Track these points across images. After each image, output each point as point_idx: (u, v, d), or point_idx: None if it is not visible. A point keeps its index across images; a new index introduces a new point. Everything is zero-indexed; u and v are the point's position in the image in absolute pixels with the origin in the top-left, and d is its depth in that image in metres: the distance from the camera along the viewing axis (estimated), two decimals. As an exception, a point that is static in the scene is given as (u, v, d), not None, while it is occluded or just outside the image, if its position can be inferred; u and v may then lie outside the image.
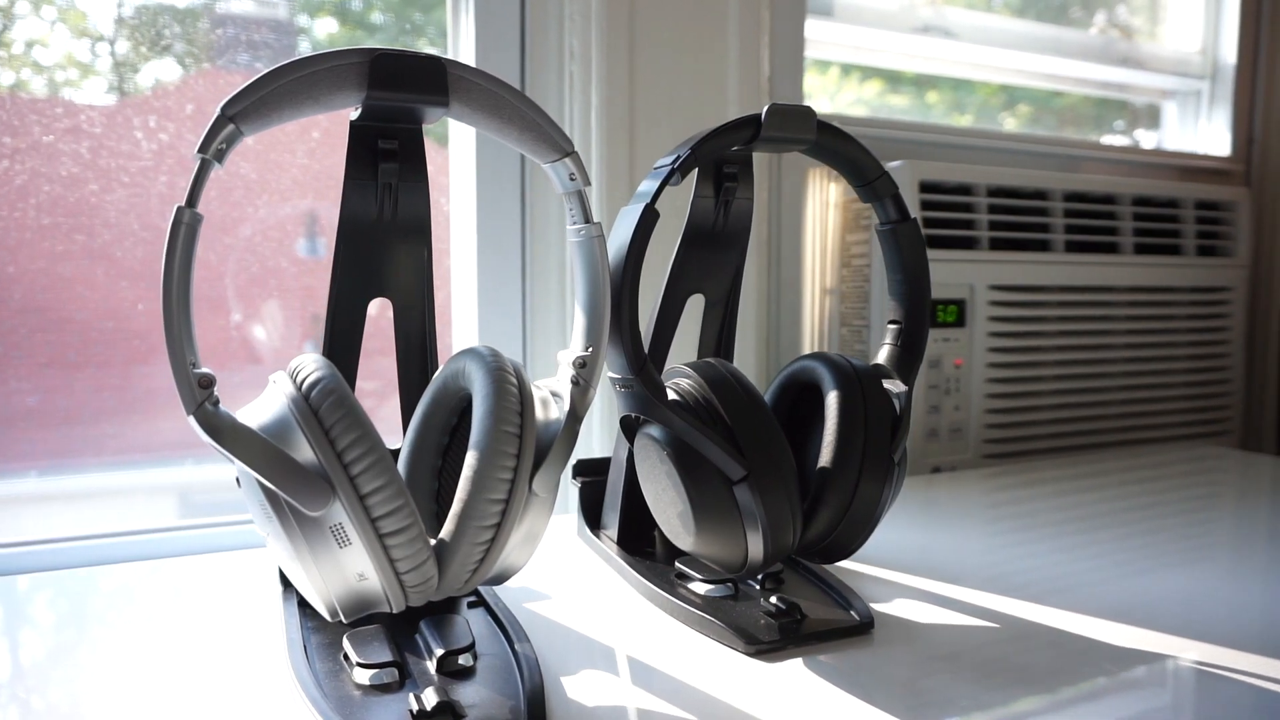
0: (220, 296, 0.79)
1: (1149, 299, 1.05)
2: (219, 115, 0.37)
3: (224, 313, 0.79)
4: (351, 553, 0.37)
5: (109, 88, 0.75)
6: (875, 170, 0.53)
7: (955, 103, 1.17)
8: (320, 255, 0.81)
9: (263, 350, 0.81)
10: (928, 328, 0.54)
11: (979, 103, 1.18)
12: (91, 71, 0.75)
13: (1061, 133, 1.23)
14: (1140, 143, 1.27)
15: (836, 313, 0.98)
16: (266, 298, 0.80)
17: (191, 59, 0.76)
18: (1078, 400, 1.03)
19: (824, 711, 0.42)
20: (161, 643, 0.49)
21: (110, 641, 0.49)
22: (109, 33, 0.74)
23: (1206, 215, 1.09)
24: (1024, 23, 1.14)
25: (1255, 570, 0.63)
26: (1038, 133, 1.19)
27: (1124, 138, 1.27)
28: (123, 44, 0.74)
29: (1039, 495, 0.85)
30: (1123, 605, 0.55)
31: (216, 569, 0.61)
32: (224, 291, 0.79)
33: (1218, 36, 1.22)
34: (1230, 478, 0.98)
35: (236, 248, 0.78)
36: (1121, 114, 1.27)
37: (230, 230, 0.79)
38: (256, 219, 0.79)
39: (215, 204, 0.78)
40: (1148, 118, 1.28)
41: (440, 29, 0.87)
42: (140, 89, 0.75)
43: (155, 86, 0.76)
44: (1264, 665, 0.46)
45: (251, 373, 0.81)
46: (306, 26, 0.83)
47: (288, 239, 0.80)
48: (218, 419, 0.37)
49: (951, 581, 0.59)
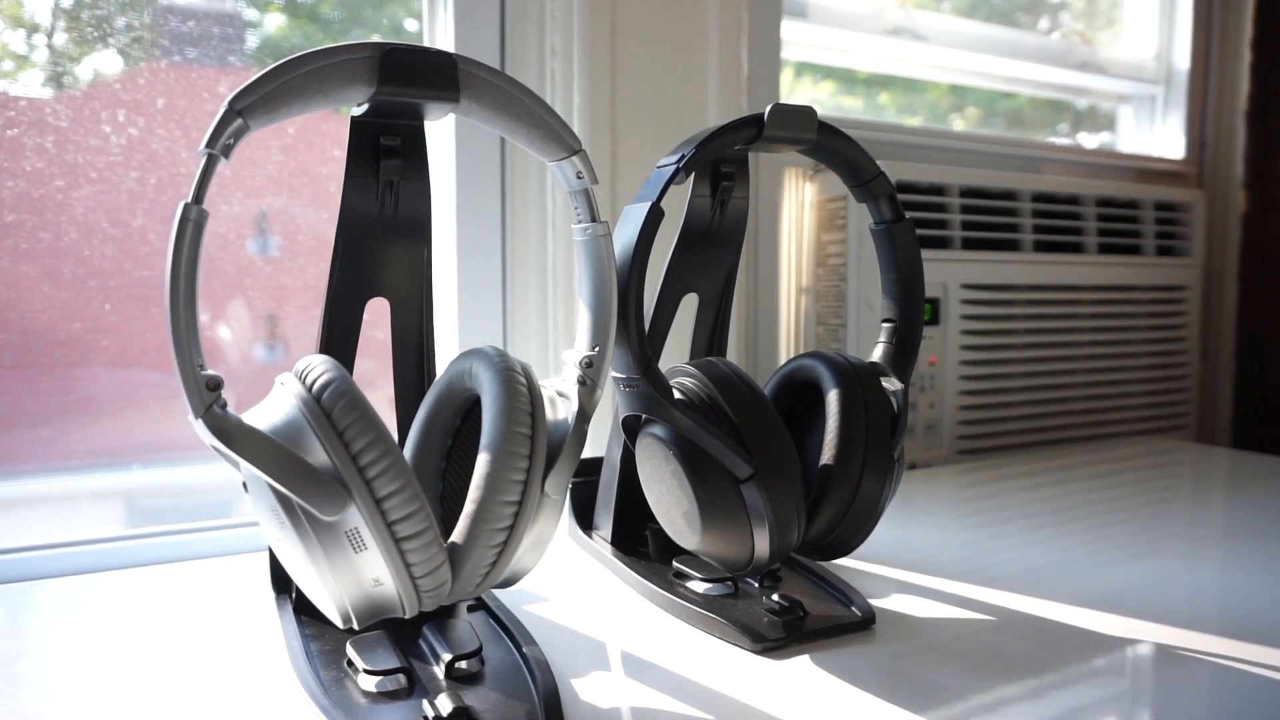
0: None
1: (1111, 298, 1.08)
2: (226, 109, 0.36)
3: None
4: (367, 557, 0.36)
5: (46, 79, 0.72)
6: (872, 170, 0.53)
7: (906, 104, 1.19)
8: (271, 253, 0.79)
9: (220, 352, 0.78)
10: (922, 326, 0.55)
11: (929, 104, 1.20)
12: (28, 64, 0.72)
13: (1009, 134, 1.25)
14: (1084, 144, 1.31)
15: (813, 311, 0.99)
16: (229, 298, 0.78)
17: (137, 51, 0.73)
18: (1045, 397, 1.05)
19: (836, 707, 0.42)
20: (151, 656, 0.47)
21: (85, 658, 0.47)
22: (46, 23, 0.71)
23: (1164, 216, 1.12)
24: (991, 27, 1.16)
25: (1211, 558, 0.66)
26: (1003, 134, 1.22)
27: (1067, 139, 1.30)
28: (60, 35, 0.71)
29: (1011, 490, 0.87)
30: (1094, 593, 0.56)
31: (175, 580, 0.59)
32: None
33: (1171, 43, 1.26)
34: (1187, 471, 1.01)
35: (206, 245, 0.76)
36: (1065, 117, 1.30)
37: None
38: (230, 216, 0.77)
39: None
40: (1090, 120, 1.31)
41: (394, 25, 0.86)
42: (79, 81, 0.72)
43: (96, 79, 0.73)
44: (1221, 645, 0.49)
45: None
46: (256, 20, 0.81)
47: (268, 236, 0.78)
48: (227, 422, 0.36)
49: (938, 575, 0.60)
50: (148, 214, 0.74)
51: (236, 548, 0.68)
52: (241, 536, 0.69)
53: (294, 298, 0.80)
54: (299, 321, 0.81)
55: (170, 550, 0.67)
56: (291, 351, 0.81)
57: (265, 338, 0.80)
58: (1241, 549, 0.67)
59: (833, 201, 0.96)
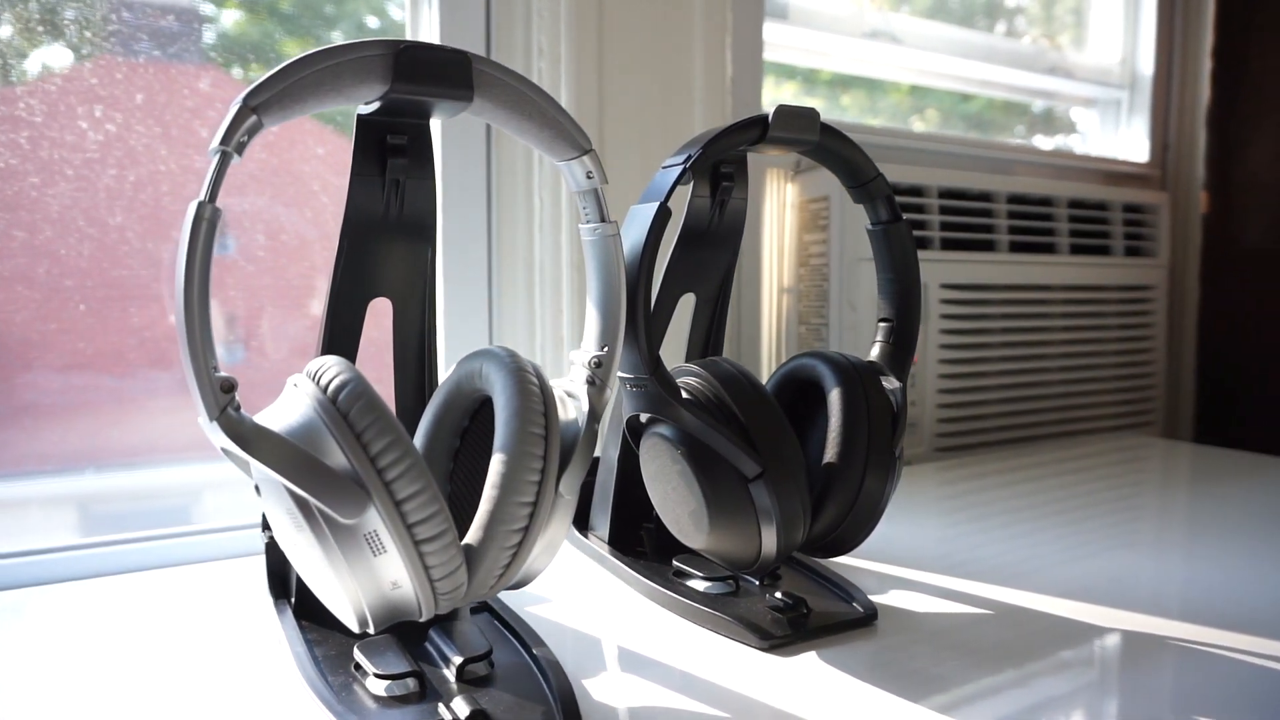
0: (128, 296, 0.74)
1: (1082, 297, 1.11)
2: (241, 106, 0.35)
3: (131, 312, 0.74)
4: (386, 560, 0.36)
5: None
6: (871, 172, 0.54)
7: (868, 105, 1.20)
8: (229, 252, 0.77)
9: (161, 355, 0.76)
10: (918, 325, 0.56)
11: (890, 106, 1.22)
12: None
13: (985, 138, 1.27)
14: (1042, 147, 1.33)
15: (795, 311, 0.99)
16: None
17: (88, 45, 0.70)
18: (1020, 395, 1.07)
19: (848, 701, 0.42)
20: (147, 668, 0.46)
21: (78, 672, 0.46)
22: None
23: (1131, 218, 1.15)
24: (966, 32, 1.18)
25: (1176, 549, 0.68)
26: (980, 137, 1.24)
27: (1029, 141, 1.33)
28: (4, 27, 0.69)
29: (989, 487, 0.89)
30: (1073, 585, 0.58)
31: (150, 589, 0.58)
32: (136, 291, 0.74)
33: (1136, 49, 1.29)
34: (1154, 465, 1.04)
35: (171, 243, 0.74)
36: (1022, 119, 1.32)
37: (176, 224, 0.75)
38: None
39: (170, 199, 0.74)
40: (1045, 123, 1.34)
41: (355, 23, 0.84)
42: (27, 75, 0.69)
43: (44, 73, 0.70)
44: (1187, 630, 0.51)
45: (154, 380, 0.75)
46: (213, 15, 0.78)
47: (244, 235, 0.77)
48: (242, 425, 0.35)
49: (927, 570, 0.61)
50: (126, 212, 0.73)
51: (205, 555, 0.66)
52: (209, 543, 0.67)
53: (270, 298, 0.79)
54: (271, 323, 0.79)
55: (137, 558, 0.65)
56: (255, 353, 0.79)
57: (224, 339, 0.78)
58: (1204, 540, 0.69)
59: (814, 202, 0.97)
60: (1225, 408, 1.27)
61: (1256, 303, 1.22)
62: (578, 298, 0.82)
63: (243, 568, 0.62)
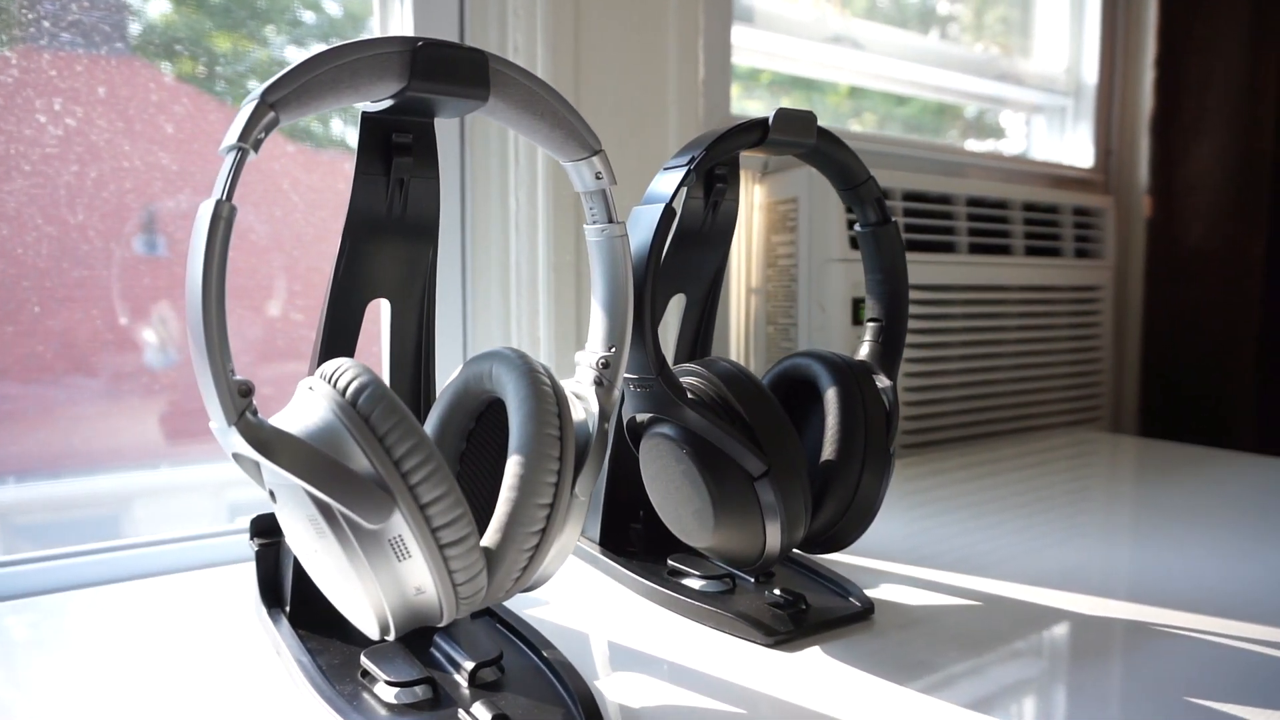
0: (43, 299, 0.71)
1: (1035, 298, 1.14)
2: (259, 102, 0.34)
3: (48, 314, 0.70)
4: (411, 565, 0.36)
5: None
6: (862, 175, 0.55)
7: (807, 107, 1.21)
8: (160, 253, 0.75)
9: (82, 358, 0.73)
10: (907, 324, 0.57)
11: (829, 108, 1.24)
12: None
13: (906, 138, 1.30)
14: (967, 147, 1.37)
15: (762, 311, 1.01)
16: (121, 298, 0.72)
17: (4, 33, 0.67)
18: (977, 393, 1.10)
19: (857, 693, 0.43)
20: (140, 686, 0.45)
21: (65, 689, 0.44)
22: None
23: (1080, 220, 1.19)
24: (922, 38, 1.21)
25: (1124, 535, 0.72)
26: (926, 139, 1.27)
27: (956, 143, 1.36)
28: None
29: (951, 483, 0.91)
30: (1039, 572, 0.61)
31: (121, 601, 0.56)
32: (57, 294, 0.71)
33: (1080, 58, 1.34)
34: (1102, 459, 1.08)
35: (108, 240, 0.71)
36: (955, 124, 1.36)
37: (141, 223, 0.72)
38: (181, 212, 0.73)
39: (133, 196, 0.71)
40: (978, 128, 1.38)
41: (289, 18, 0.81)
42: None
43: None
44: (1135, 611, 0.55)
45: (77, 386, 0.72)
46: (138, 9, 0.75)
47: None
48: (262, 430, 0.34)
49: (905, 562, 0.63)
50: (88, 209, 0.70)
51: (160, 568, 0.63)
52: (165, 555, 0.64)
53: (234, 299, 0.76)
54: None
55: (81, 574, 0.62)
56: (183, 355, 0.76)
57: (156, 341, 0.75)
58: (1149, 528, 0.72)
59: (782, 204, 0.98)
60: (1168, 403, 1.32)
61: (1197, 302, 1.28)
62: (554, 299, 0.82)
63: (209, 579, 0.60)
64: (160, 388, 0.74)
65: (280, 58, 0.80)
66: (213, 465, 0.76)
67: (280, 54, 0.80)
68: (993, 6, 1.32)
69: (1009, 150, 1.38)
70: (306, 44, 0.83)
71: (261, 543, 0.51)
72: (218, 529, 0.67)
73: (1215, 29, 1.24)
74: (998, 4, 1.32)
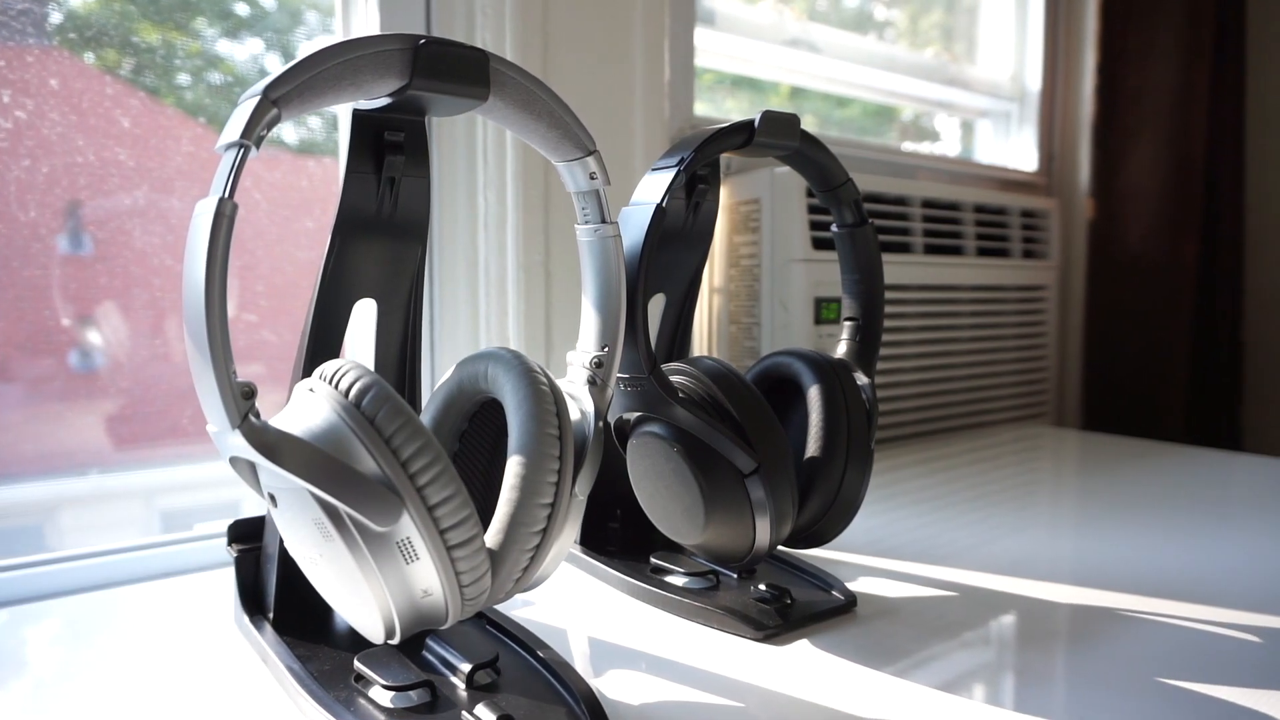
0: None
1: (986, 297, 1.18)
2: (261, 99, 0.33)
3: None
4: (419, 568, 0.35)
5: None
6: (841, 177, 0.56)
7: (749, 109, 1.23)
8: (86, 250, 0.72)
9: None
10: (882, 323, 0.58)
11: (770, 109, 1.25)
12: None
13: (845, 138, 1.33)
14: (905, 149, 1.40)
15: (725, 311, 1.02)
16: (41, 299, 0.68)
17: None
18: (932, 390, 1.13)
19: (850, 683, 0.44)
20: (125, 698, 0.43)
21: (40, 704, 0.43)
22: None
23: (1027, 222, 1.23)
24: (877, 43, 1.23)
25: (1068, 524, 0.75)
26: (876, 141, 1.30)
27: (893, 144, 1.39)
28: None
29: (909, 478, 0.93)
30: (1001, 561, 0.64)
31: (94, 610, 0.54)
32: None
33: (1024, 65, 1.39)
34: (1048, 452, 1.12)
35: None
36: (892, 126, 1.39)
37: (103, 224, 0.70)
38: (136, 211, 0.71)
39: (87, 192, 0.69)
40: (915, 131, 1.41)
41: (218, 9, 0.78)
42: None
43: None
44: (1079, 594, 0.57)
45: None
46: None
47: (172, 234, 0.73)
48: (267, 434, 0.33)
49: (881, 556, 0.64)
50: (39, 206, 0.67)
51: (121, 577, 0.61)
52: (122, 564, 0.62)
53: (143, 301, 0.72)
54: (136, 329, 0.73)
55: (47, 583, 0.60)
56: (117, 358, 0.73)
57: (79, 343, 0.72)
58: (1090, 517, 0.76)
59: (745, 204, 0.99)
60: (1109, 397, 1.37)
61: (1136, 300, 1.33)
62: (524, 299, 0.81)
63: (169, 588, 0.58)
64: (89, 392, 0.70)
65: (211, 51, 0.76)
66: (145, 472, 0.73)
67: (211, 48, 0.77)
68: (928, 12, 1.35)
69: (942, 153, 1.42)
70: (240, 37, 0.79)
71: (240, 549, 0.50)
72: (167, 538, 0.65)
73: (1151, 39, 1.30)
74: (933, 10, 1.35)
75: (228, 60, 0.78)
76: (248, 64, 0.79)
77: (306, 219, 0.80)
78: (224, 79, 0.77)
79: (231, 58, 0.78)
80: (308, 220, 0.80)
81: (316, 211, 0.80)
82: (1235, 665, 0.47)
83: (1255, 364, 1.46)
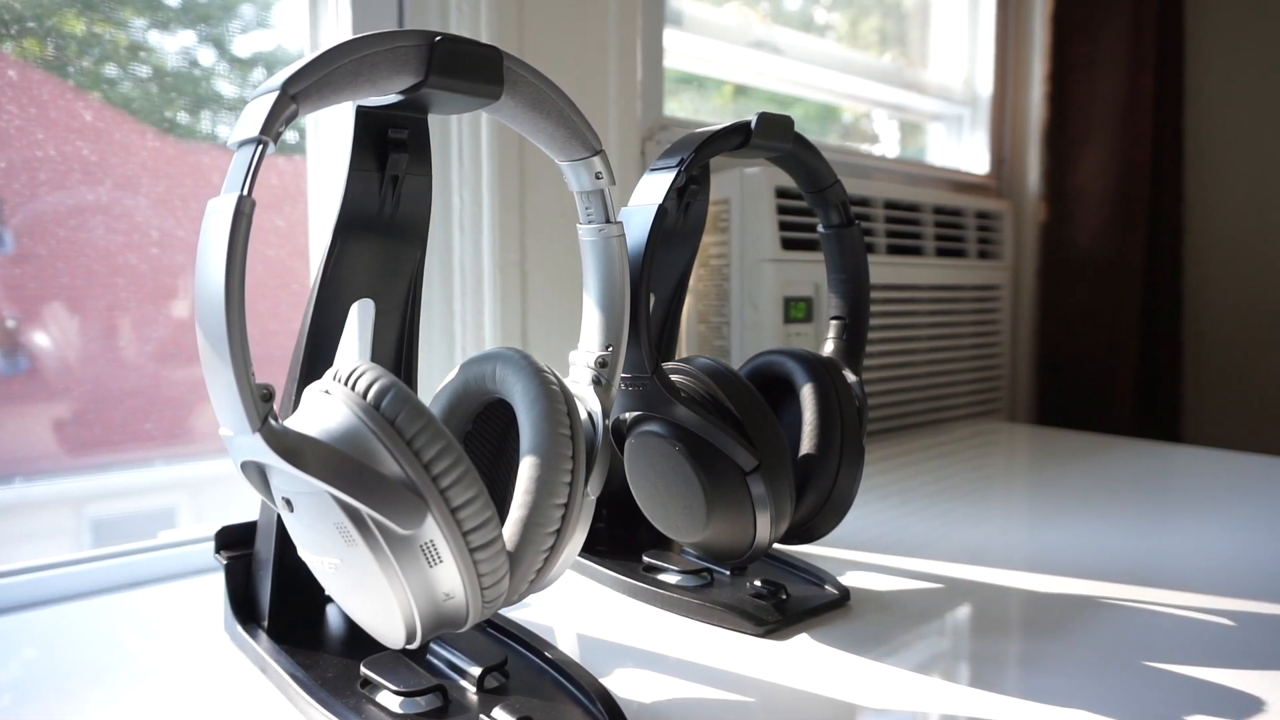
0: None
1: (944, 296, 1.21)
2: (280, 94, 0.33)
3: None
4: (442, 571, 0.35)
5: None
6: (830, 178, 0.57)
7: (696, 109, 1.24)
8: (8, 249, 0.69)
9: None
10: (868, 322, 0.59)
11: (716, 109, 1.26)
12: None
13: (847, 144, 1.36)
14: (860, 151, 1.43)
15: (694, 310, 1.02)
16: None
17: None
18: (894, 387, 1.16)
19: (854, 676, 0.45)
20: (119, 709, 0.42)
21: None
22: None
23: (982, 223, 1.27)
24: (838, 46, 1.25)
25: (1021, 514, 0.79)
26: (838, 143, 1.32)
27: (838, 143, 1.41)
28: None
29: (876, 473, 0.95)
30: (967, 551, 0.66)
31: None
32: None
33: (974, 70, 1.42)
34: (1002, 447, 1.15)
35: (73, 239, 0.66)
36: (835, 128, 1.42)
37: (65, 221, 0.67)
38: (98, 207, 0.68)
39: (45, 188, 0.66)
40: (855, 132, 1.44)
41: (156, 5, 0.75)
42: None
43: None
44: (1035, 580, 0.60)
45: None
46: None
47: (137, 230, 0.70)
48: (286, 437, 0.33)
49: (859, 549, 0.65)
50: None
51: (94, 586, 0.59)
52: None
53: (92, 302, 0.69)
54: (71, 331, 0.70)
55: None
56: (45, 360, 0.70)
57: (4, 345, 0.68)
58: (1046, 508, 0.79)
59: (715, 205, 1.00)
60: (1060, 393, 1.42)
61: (1086, 299, 1.38)
62: (500, 299, 0.81)
63: (145, 598, 0.56)
64: (7, 396, 0.67)
65: (140, 41, 0.73)
66: (72, 479, 0.71)
67: (140, 38, 0.73)
68: (867, 17, 1.38)
69: (898, 155, 1.45)
70: (171, 29, 0.76)
71: (230, 555, 0.49)
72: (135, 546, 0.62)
73: (1098, 49, 1.34)
74: (871, 15, 1.38)
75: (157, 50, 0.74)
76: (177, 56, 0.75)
77: (276, 217, 0.78)
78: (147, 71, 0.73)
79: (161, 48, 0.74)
80: (278, 218, 0.78)
81: (286, 209, 0.78)
82: (1192, 644, 0.49)
83: (1194, 359, 1.52)
